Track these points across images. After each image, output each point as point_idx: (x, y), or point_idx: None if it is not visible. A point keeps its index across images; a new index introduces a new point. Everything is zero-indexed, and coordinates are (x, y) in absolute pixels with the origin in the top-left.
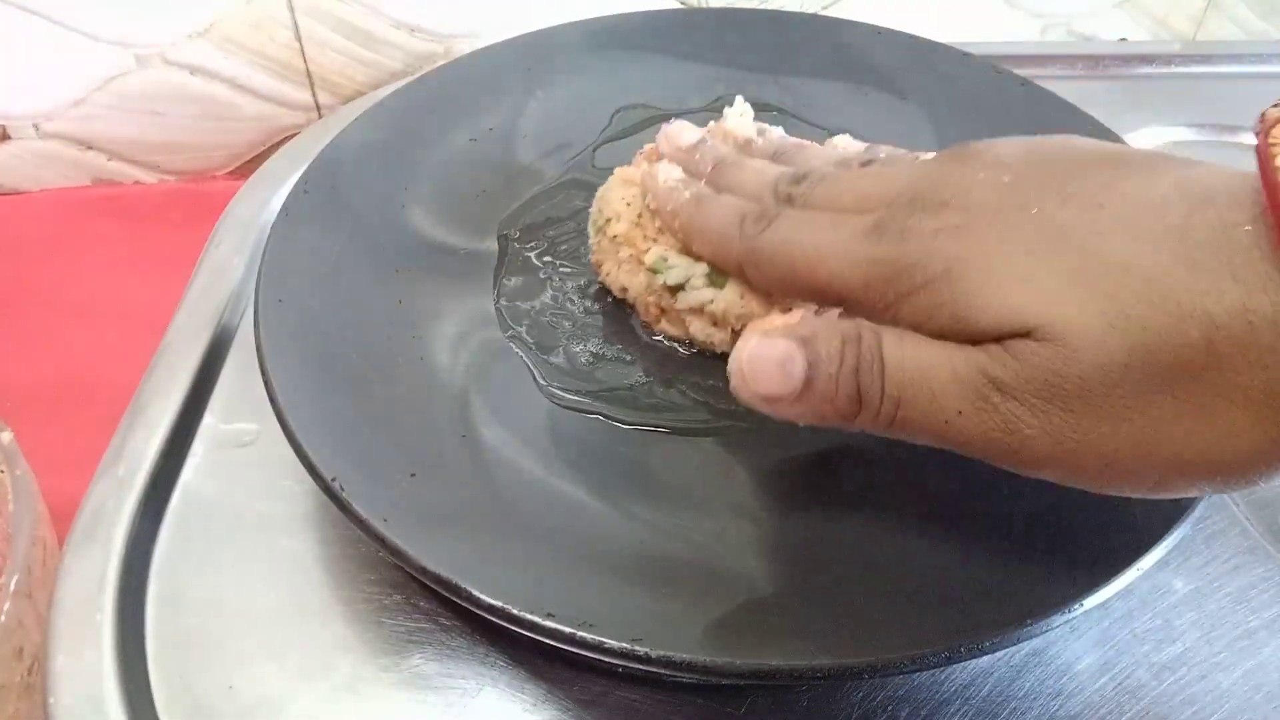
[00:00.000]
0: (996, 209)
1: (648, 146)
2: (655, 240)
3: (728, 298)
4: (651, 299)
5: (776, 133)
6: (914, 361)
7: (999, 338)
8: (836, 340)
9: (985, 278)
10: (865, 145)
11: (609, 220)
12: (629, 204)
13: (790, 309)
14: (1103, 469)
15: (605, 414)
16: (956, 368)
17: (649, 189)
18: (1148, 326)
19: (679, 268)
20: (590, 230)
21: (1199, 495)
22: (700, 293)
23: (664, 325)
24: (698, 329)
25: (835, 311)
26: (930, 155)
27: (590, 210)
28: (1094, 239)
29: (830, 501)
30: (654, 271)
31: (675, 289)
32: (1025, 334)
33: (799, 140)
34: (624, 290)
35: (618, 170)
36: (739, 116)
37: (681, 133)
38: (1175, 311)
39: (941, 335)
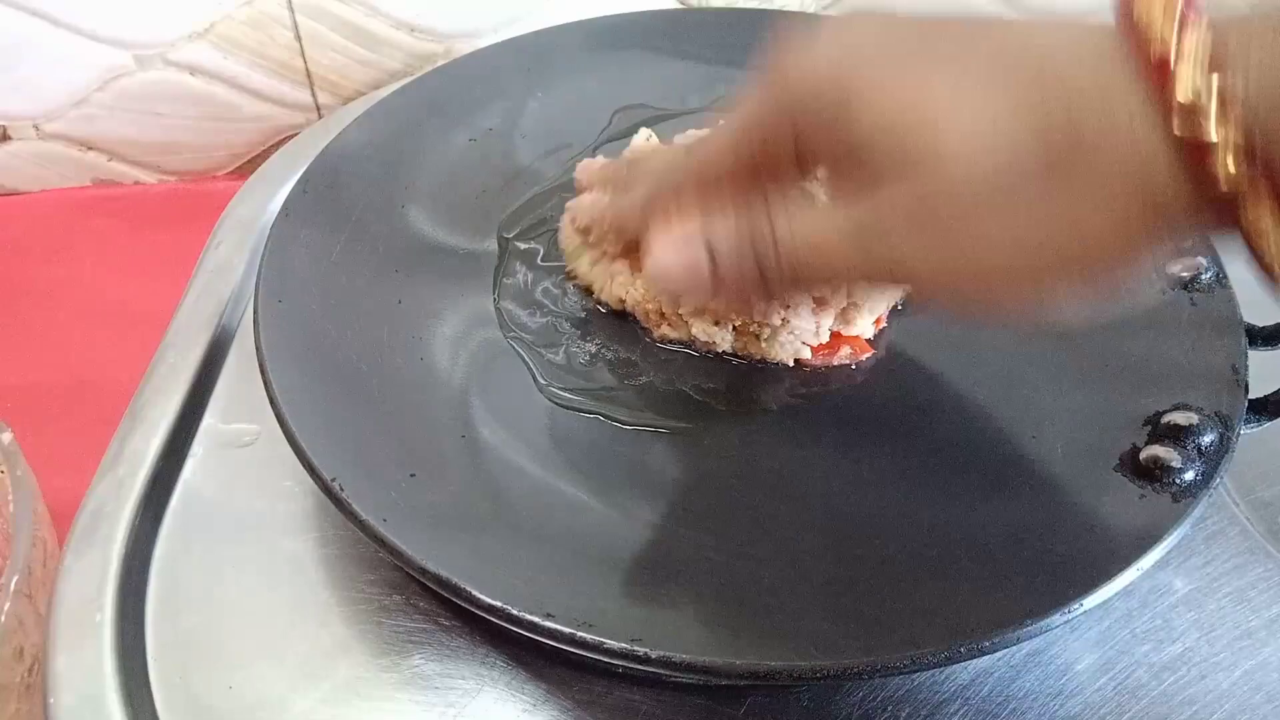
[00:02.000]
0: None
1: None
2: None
3: None
4: (652, 306)
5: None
6: (803, 234)
7: (879, 175)
8: (733, 236)
9: (866, 102)
10: None
11: (587, 247)
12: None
13: (787, 305)
14: (980, 283)
15: (605, 414)
16: (842, 225)
17: (577, 215)
18: (1009, 131)
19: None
20: (566, 261)
21: (1076, 306)
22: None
23: (665, 330)
24: (700, 329)
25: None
26: None
27: (560, 243)
28: (942, 74)
29: (830, 501)
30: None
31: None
32: (899, 167)
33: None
34: (621, 302)
35: (572, 202)
36: (645, 140)
37: (590, 164)
38: (1041, 108)
39: (840, 178)
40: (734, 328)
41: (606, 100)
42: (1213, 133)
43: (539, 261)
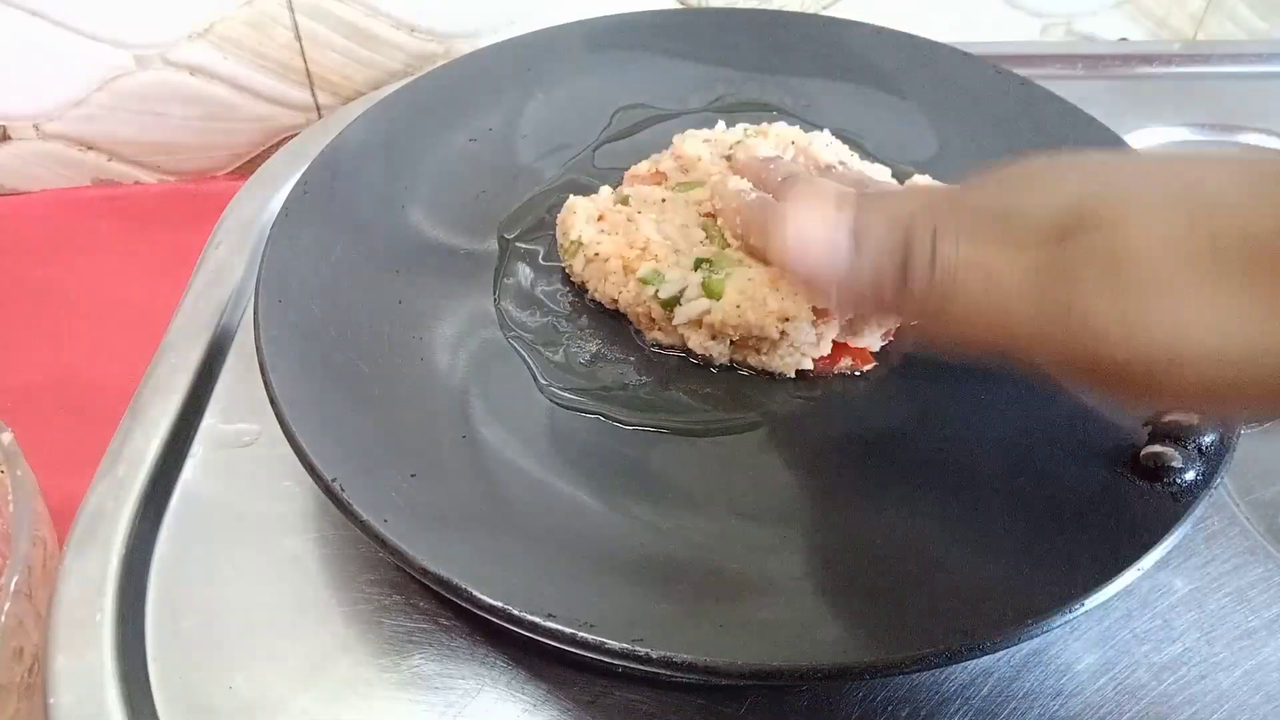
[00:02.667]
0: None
1: (639, 167)
2: (643, 250)
3: (725, 309)
4: (641, 309)
5: (857, 165)
6: (973, 257)
7: (1065, 230)
8: (887, 234)
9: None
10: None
11: (581, 244)
12: (603, 230)
13: (786, 318)
14: (1171, 363)
15: (605, 414)
16: (1020, 260)
17: (719, 192)
18: (1207, 203)
19: (672, 281)
20: (562, 257)
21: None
22: (697, 303)
23: (656, 334)
24: (696, 342)
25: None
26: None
27: (556, 236)
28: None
29: (830, 502)
30: (645, 283)
31: (669, 303)
32: (1092, 219)
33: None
34: (614, 302)
35: (573, 198)
36: (824, 145)
37: (758, 147)
38: (1236, 188)
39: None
40: (731, 342)
41: (606, 100)
42: None
43: (539, 261)
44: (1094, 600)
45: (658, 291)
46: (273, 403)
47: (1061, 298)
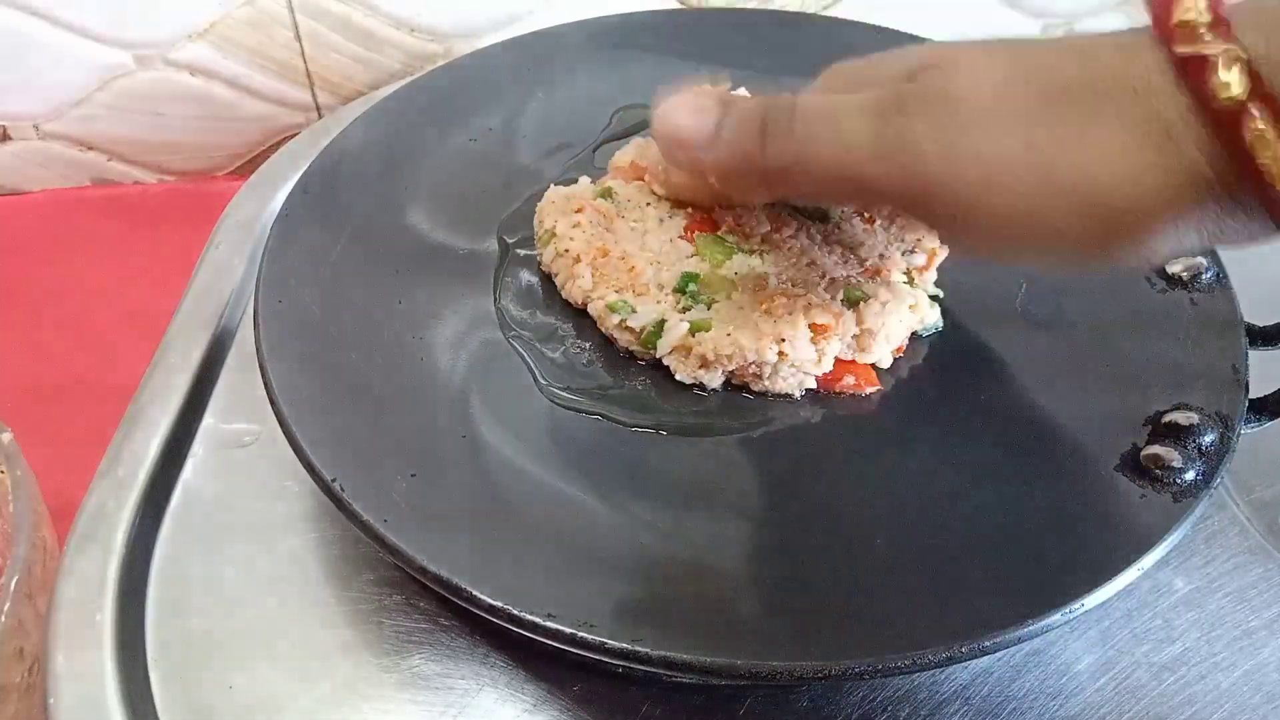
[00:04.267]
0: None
1: (621, 155)
2: (621, 260)
3: (715, 336)
4: (614, 323)
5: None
6: (820, 103)
7: (909, 77)
8: (750, 102)
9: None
10: None
11: (555, 235)
12: (577, 224)
13: (783, 338)
14: (986, 187)
15: (605, 414)
16: (862, 102)
17: (658, 135)
18: (1029, 56)
19: (643, 313)
20: (537, 244)
21: (1084, 251)
22: (679, 329)
23: (632, 344)
24: (685, 373)
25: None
26: None
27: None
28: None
29: (830, 502)
30: (612, 310)
31: (649, 339)
32: (929, 68)
33: None
34: (584, 304)
35: (554, 188)
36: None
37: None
38: (1056, 49)
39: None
40: (726, 372)
41: (606, 100)
42: (1210, 48)
43: (539, 261)
44: (1094, 600)
45: (624, 321)
46: (273, 403)
47: (895, 128)
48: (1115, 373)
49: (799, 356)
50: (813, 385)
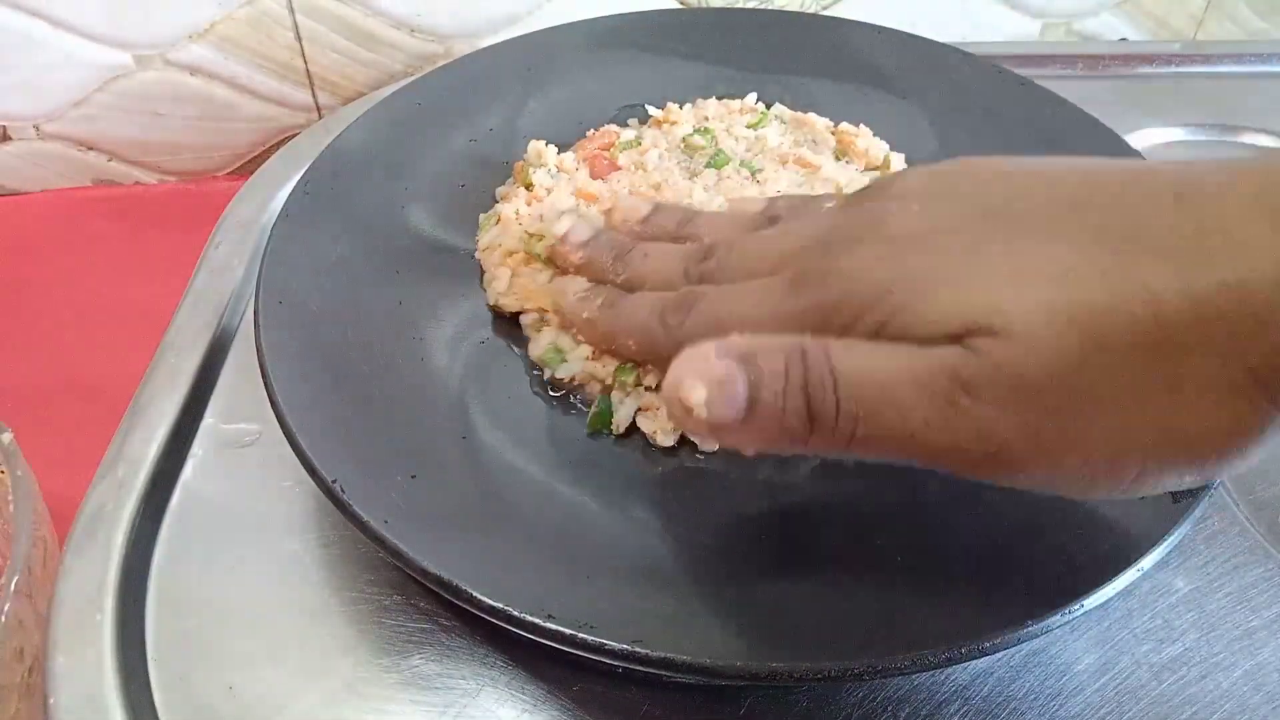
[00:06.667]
0: (914, 234)
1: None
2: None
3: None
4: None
5: (669, 203)
6: (869, 371)
7: (955, 338)
8: (779, 355)
9: (929, 285)
10: (764, 198)
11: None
12: (518, 220)
13: None
14: (1082, 465)
15: None
16: (918, 374)
17: (558, 307)
18: (1092, 308)
19: (574, 363)
20: (481, 225)
21: (1184, 485)
22: (625, 410)
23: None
24: (647, 429)
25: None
26: (830, 203)
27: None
28: (1020, 242)
29: (830, 503)
30: (544, 363)
31: (590, 415)
32: (982, 332)
33: (691, 208)
34: (515, 315)
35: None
36: (628, 195)
37: (574, 234)
38: (1114, 290)
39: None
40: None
41: (606, 100)
42: None
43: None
44: (1094, 600)
45: (555, 372)
46: (273, 403)
47: (965, 415)
48: None
49: None
50: None
